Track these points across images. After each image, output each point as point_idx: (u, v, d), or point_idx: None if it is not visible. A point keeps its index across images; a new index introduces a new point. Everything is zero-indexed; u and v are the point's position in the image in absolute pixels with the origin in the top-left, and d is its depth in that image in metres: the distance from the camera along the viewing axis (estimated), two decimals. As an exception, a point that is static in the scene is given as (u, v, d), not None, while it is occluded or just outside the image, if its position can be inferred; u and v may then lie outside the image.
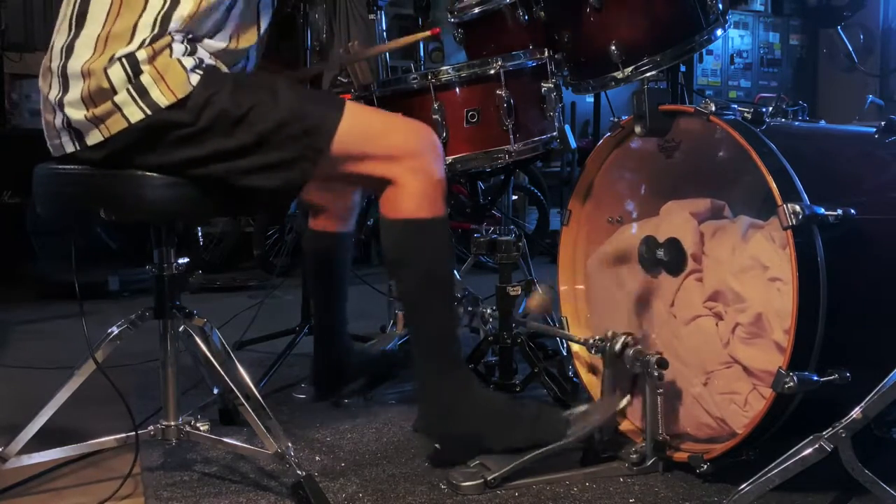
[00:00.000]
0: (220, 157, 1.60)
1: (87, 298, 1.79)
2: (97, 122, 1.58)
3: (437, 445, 1.84)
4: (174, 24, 1.59)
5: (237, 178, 1.62)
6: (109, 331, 1.76)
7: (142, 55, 1.56)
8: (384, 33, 3.13)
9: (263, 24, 1.74)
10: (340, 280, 2.33)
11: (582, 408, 1.86)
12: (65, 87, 1.59)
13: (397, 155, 1.70)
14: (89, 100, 1.57)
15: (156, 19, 1.58)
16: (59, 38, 1.63)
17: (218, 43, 1.67)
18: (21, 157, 2.25)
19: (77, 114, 1.58)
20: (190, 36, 1.62)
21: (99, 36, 1.59)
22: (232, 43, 1.69)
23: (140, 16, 1.58)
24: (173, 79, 1.57)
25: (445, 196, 1.75)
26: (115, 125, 1.57)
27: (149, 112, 1.56)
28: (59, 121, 1.61)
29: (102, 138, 1.59)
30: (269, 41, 1.81)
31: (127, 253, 4.07)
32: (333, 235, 2.31)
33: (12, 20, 4.91)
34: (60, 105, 1.59)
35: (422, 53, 3.65)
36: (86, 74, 1.57)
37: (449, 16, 2.33)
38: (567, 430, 1.80)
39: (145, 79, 1.56)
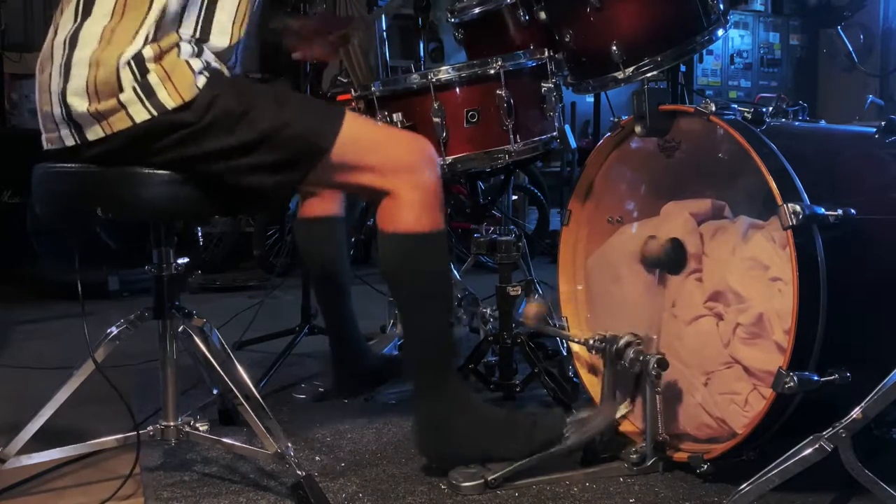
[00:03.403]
0: (221, 155, 1.60)
1: (87, 298, 1.78)
2: (100, 117, 1.57)
3: (431, 463, 1.83)
4: (183, 26, 1.60)
5: (237, 176, 1.62)
6: (109, 331, 1.76)
7: (148, 53, 1.56)
8: (384, 33, 3.13)
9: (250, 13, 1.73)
10: (340, 269, 2.31)
11: (582, 414, 1.86)
12: (66, 77, 1.58)
13: (395, 167, 1.70)
14: (94, 92, 1.56)
15: (162, 17, 1.58)
16: (61, 30, 1.62)
17: (220, 42, 1.67)
18: (21, 157, 2.25)
19: (80, 105, 1.56)
20: (197, 37, 1.62)
21: (105, 28, 1.58)
22: (233, 39, 1.69)
23: (147, 12, 1.58)
24: (180, 80, 1.56)
25: (443, 208, 1.74)
26: (119, 123, 1.56)
27: (155, 113, 1.55)
28: (58, 112, 1.59)
29: (104, 134, 1.58)
30: (269, 40, 1.81)
31: (127, 253, 4.07)
32: (325, 220, 2.28)
33: (12, 20, 4.91)
34: (62, 96, 1.58)
35: (422, 53, 3.64)
36: (93, 64, 1.56)
37: (449, 16, 2.33)
38: (564, 428, 1.79)
39: (152, 78, 1.55)
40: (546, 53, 2.13)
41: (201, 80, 1.58)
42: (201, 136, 1.58)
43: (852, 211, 1.64)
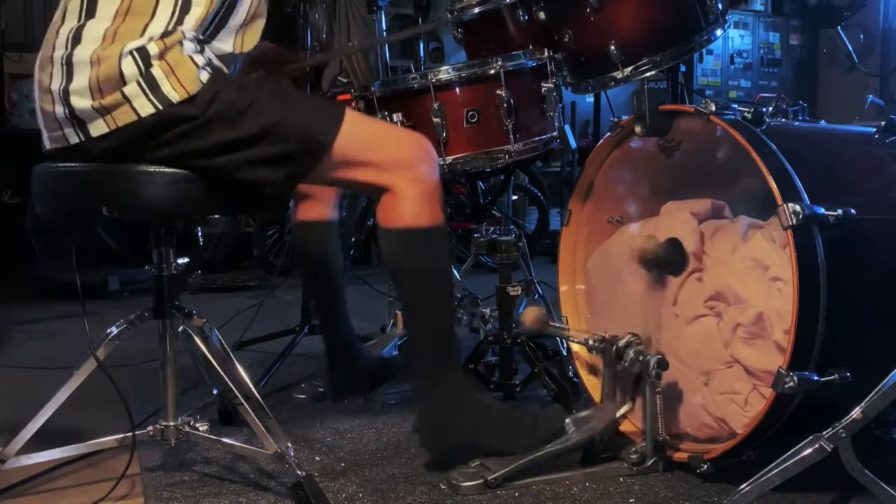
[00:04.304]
0: (224, 148, 1.60)
1: (87, 298, 1.79)
2: (104, 112, 1.57)
3: (434, 456, 1.84)
4: (185, 25, 1.60)
5: (239, 170, 1.62)
6: (109, 331, 1.76)
7: (153, 49, 1.56)
8: (384, 33, 3.13)
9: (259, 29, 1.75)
10: (335, 273, 2.32)
11: (582, 413, 1.86)
12: (69, 76, 1.58)
13: (394, 163, 1.71)
14: (97, 88, 1.56)
15: (168, 22, 1.59)
16: (63, 28, 1.63)
17: (224, 46, 1.68)
18: (21, 157, 2.25)
19: (83, 102, 1.57)
20: (200, 37, 1.63)
21: (108, 29, 1.59)
22: (237, 46, 1.70)
23: (150, 18, 1.59)
24: (184, 74, 1.57)
25: (442, 204, 1.75)
26: (123, 117, 1.57)
27: (160, 107, 1.56)
28: (60, 111, 1.60)
29: (108, 129, 1.58)
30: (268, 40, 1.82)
31: (127, 253, 4.08)
32: (321, 224, 2.29)
33: (12, 20, 4.92)
34: (65, 94, 1.58)
35: (422, 53, 3.65)
36: (94, 62, 1.56)
37: (449, 16, 2.32)
38: (564, 426, 1.79)
39: (156, 72, 1.56)
40: (546, 53, 2.13)
41: (204, 75, 1.59)
42: (204, 130, 1.59)
43: (852, 211, 1.63)
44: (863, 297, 1.69)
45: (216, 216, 4.53)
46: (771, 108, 1.94)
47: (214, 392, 2.06)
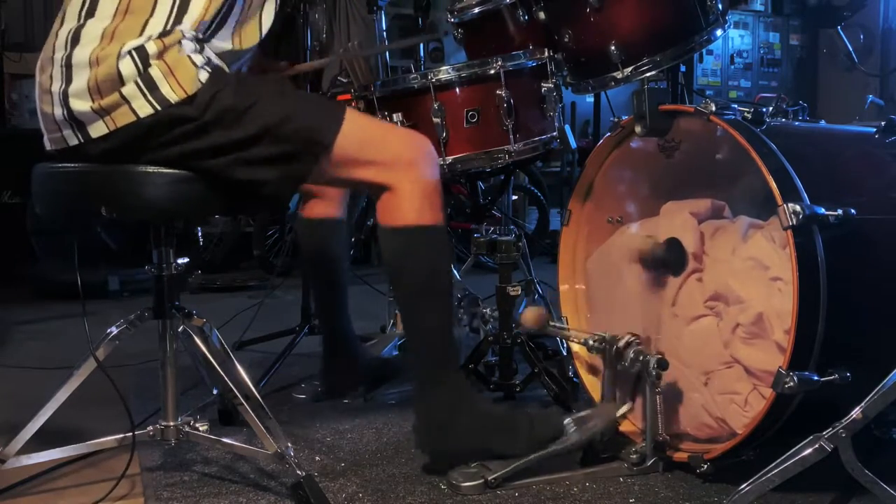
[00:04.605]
0: (224, 149, 1.61)
1: (87, 298, 1.79)
2: (103, 113, 1.57)
3: (431, 459, 1.83)
4: (184, 25, 1.61)
5: (239, 170, 1.62)
6: (108, 331, 1.76)
7: (151, 48, 1.56)
8: (384, 33, 3.13)
9: (265, 25, 1.75)
10: (339, 270, 2.32)
11: (582, 413, 1.86)
12: (68, 78, 1.58)
13: (394, 162, 1.71)
14: (96, 90, 1.56)
15: (167, 20, 1.59)
16: (63, 29, 1.63)
17: (223, 43, 1.68)
18: (21, 157, 2.25)
19: (82, 105, 1.57)
20: (199, 37, 1.63)
21: (107, 28, 1.59)
22: (235, 44, 1.70)
23: (150, 16, 1.59)
24: (183, 75, 1.57)
25: (442, 203, 1.75)
26: (122, 118, 1.57)
27: (158, 107, 1.56)
28: (59, 113, 1.60)
29: (107, 130, 1.58)
30: (269, 41, 1.82)
31: (127, 253, 4.08)
32: (327, 222, 2.30)
33: (12, 20, 4.91)
34: (64, 97, 1.58)
35: (422, 53, 3.65)
36: (93, 63, 1.56)
37: (449, 16, 2.33)
38: (563, 428, 1.79)
39: (154, 72, 1.56)
40: (546, 53, 2.13)
41: (203, 75, 1.59)
42: (204, 131, 1.59)
43: (852, 211, 1.64)
44: (863, 297, 1.69)
45: (216, 216, 4.52)
46: (771, 108, 1.94)
47: (214, 392, 2.06)
